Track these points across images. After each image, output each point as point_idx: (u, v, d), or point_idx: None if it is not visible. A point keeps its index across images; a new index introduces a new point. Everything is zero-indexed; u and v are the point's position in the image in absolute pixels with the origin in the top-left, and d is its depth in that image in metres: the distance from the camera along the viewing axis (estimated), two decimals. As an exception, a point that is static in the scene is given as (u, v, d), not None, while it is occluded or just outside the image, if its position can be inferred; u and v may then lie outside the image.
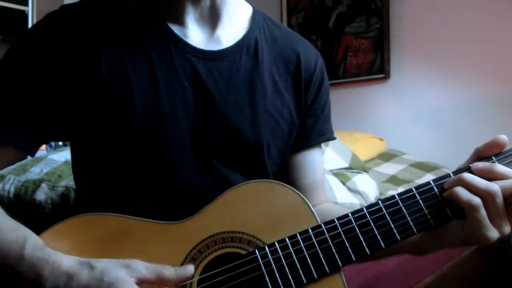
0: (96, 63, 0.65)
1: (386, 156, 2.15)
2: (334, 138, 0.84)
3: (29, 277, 0.54)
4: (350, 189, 1.44)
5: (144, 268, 0.54)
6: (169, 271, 0.55)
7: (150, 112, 0.65)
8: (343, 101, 2.70)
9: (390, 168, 2.00)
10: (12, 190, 1.09)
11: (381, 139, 2.22)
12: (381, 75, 2.52)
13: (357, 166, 1.69)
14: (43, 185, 1.08)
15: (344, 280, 0.58)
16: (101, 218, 0.61)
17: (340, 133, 2.07)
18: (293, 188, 0.63)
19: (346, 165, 1.68)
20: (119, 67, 0.65)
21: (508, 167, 0.57)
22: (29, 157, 1.27)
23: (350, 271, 1.04)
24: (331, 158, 1.64)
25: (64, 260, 0.54)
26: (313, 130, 0.79)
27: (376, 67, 2.54)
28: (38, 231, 0.60)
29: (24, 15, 2.59)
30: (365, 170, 1.70)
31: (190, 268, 0.56)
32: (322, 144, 0.84)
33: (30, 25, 2.57)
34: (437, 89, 2.32)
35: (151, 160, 0.66)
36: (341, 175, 1.52)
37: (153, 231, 0.61)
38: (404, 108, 2.47)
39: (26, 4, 2.61)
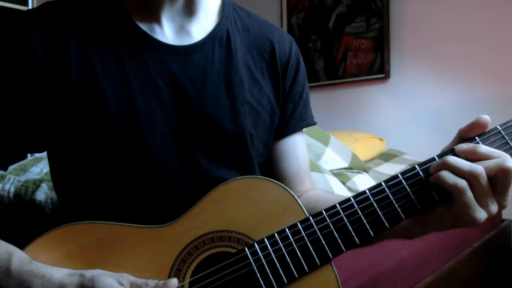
0: (65, 68, 0.63)
1: (386, 156, 2.15)
2: (315, 123, 0.84)
3: None
4: (350, 189, 1.44)
5: (127, 282, 0.54)
6: (149, 287, 0.54)
7: (125, 115, 0.63)
8: (343, 101, 2.70)
9: (390, 168, 1.99)
10: (12, 190, 1.08)
11: (381, 139, 2.22)
12: (381, 75, 2.51)
13: (357, 166, 1.69)
14: (43, 185, 1.08)
15: (336, 271, 0.58)
16: (85, 227, 0.59)
17: (340, 133, 2.07)
18: (280, 183, 0.62)
19: (346, 165, 1.68)
20: (88, 71, 0.63)
21: (492, 147, 0.57)
22: (29, 157, 1.27)
23: (350, 271, 1.04)
24: (331, 158, 1.63)
25: (54, 272, 0.54)
26: (293, 116, 0.78)
27: (376, 67, 2.53)
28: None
29: (24, 15, 2.59)
30: (365, 170, 1.70)
31: (172, 282, 0.54)
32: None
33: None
34: (437, 89, 2.32)
35: (132, 163, 0.64)
36: (341, 175, 1.52)
37: (140, 236, 0.60)
38: (404, 108, 2.47)
39: (26, 4, 2.61)
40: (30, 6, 2.61)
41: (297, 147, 0.80)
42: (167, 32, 0.69)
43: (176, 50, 0.68)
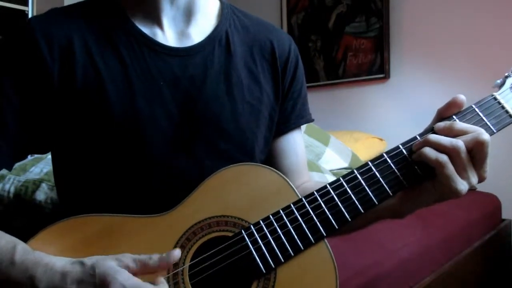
0: (71, 70, 0.65)
1: (386, 156, 2.15)
2: (312, 120, 0.86)
3: (21, 281, 0.54)
4: (350, 189, 1.44)
5: (131, 260, 0.55)
6: (153, 260, 0.55)
7: (128, 114, 0.65)
8: (343, 101, 2.70)
9: (390, 168, 1.99)
10: (12, 190, 1.09)
11: (381, 139, 2.22)
12: (381, 75, 2.51)
13: (357, 166, 1.68)
14: (43, 185, 1.08)
15: (329, 247, 0.60)
16: (85, 220, 0.61)
17: (340, 133, 2.07)
18: (272, 168, 0.65)
19: (346, 165, 1.68)
20: (93, 73, 0.66)
21: (468, 123, 0.61)
22: (29, 157, 1.27)
23: (350, 271, 1.04)
24: (331, 158, 1.63)
25: (57, 260, 0.55)
26: (293, 113, 0.81)
27: (376, 67, 2.53)
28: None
29: (24, 15, 2.59)
30: (365, 170, 1.69)
31: (175, 253, 0.57)
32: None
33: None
34: (437, 89, 2.32)
35: (134, 161, 0.66)
36: (341, 175, 1.52)
37: (139, 225, 0.61)
38: (404, 108, 2.47)
39: (26, 4, 2.61)
40: (30, 6, 2.61)
41: (296, 144, 0.82)
42: (168, 35, 0.71)
43: (177, 52, 0.70)
